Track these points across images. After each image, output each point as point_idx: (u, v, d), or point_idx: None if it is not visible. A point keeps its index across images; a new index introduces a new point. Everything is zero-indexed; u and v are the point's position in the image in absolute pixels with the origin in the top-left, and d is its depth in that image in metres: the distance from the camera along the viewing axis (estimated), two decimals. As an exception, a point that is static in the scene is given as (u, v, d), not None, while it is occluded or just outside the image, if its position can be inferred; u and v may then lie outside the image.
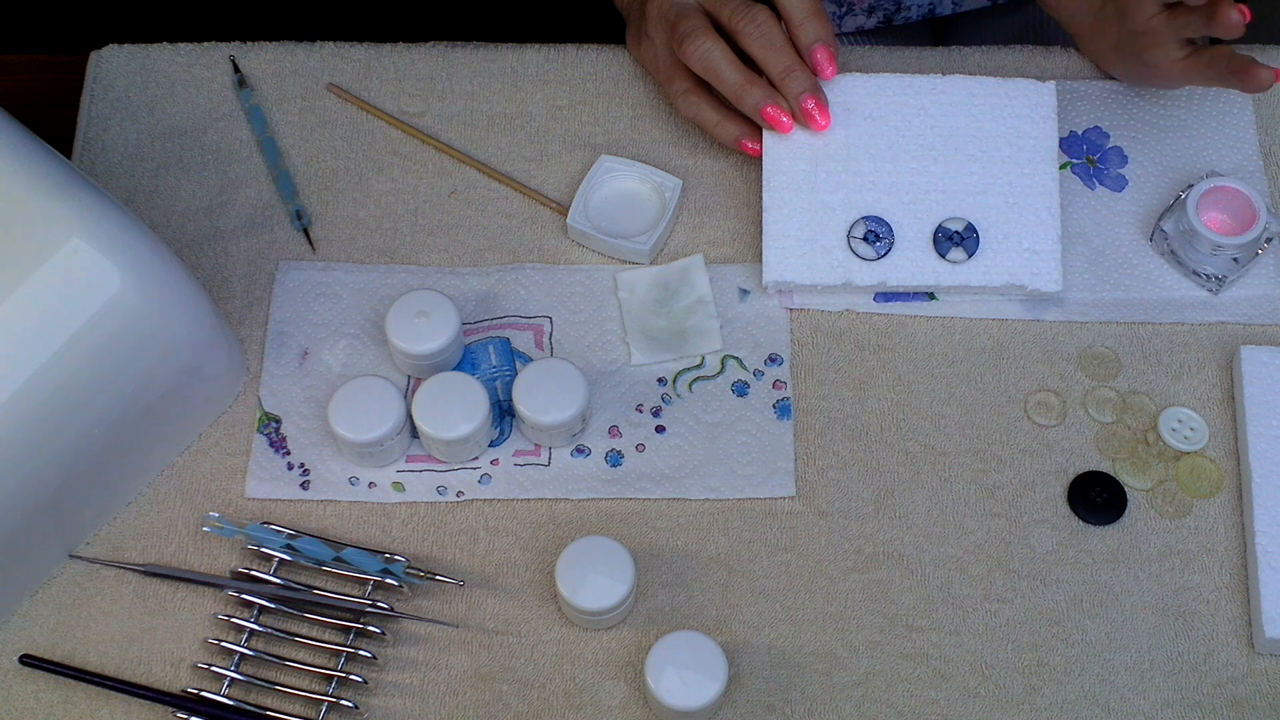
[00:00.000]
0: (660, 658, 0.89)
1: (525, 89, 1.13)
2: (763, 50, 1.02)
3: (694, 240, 1.07)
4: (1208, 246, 1.01)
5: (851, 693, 0.94)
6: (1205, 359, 1.03)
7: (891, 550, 0.97)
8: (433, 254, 1.07)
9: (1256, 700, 0.93)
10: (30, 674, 0.94)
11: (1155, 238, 1.04)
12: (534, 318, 1.05)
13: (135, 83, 1.13)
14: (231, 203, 1.09)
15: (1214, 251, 1.01)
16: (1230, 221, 1.03)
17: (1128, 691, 0.94)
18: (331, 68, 1.14)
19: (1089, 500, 0.98)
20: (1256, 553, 0.95)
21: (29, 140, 0.90)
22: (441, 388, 0.97)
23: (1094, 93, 1.11)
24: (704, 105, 1.05)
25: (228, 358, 1.00)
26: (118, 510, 0.98)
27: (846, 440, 1.01)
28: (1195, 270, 1.03)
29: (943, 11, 1.26)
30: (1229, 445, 1.00)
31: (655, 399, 1.02)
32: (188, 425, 1.00)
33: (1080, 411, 1.01)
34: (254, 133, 1.11)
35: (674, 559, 0.97)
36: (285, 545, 0.96)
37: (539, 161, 1.10)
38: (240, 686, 0.93)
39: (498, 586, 0.96)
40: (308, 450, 1.00)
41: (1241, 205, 1.02)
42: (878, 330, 1.04)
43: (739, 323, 1.04)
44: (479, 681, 0.94)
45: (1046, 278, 1.02)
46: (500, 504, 0.99)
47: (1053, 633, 0.95)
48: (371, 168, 1.10)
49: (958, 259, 1.02)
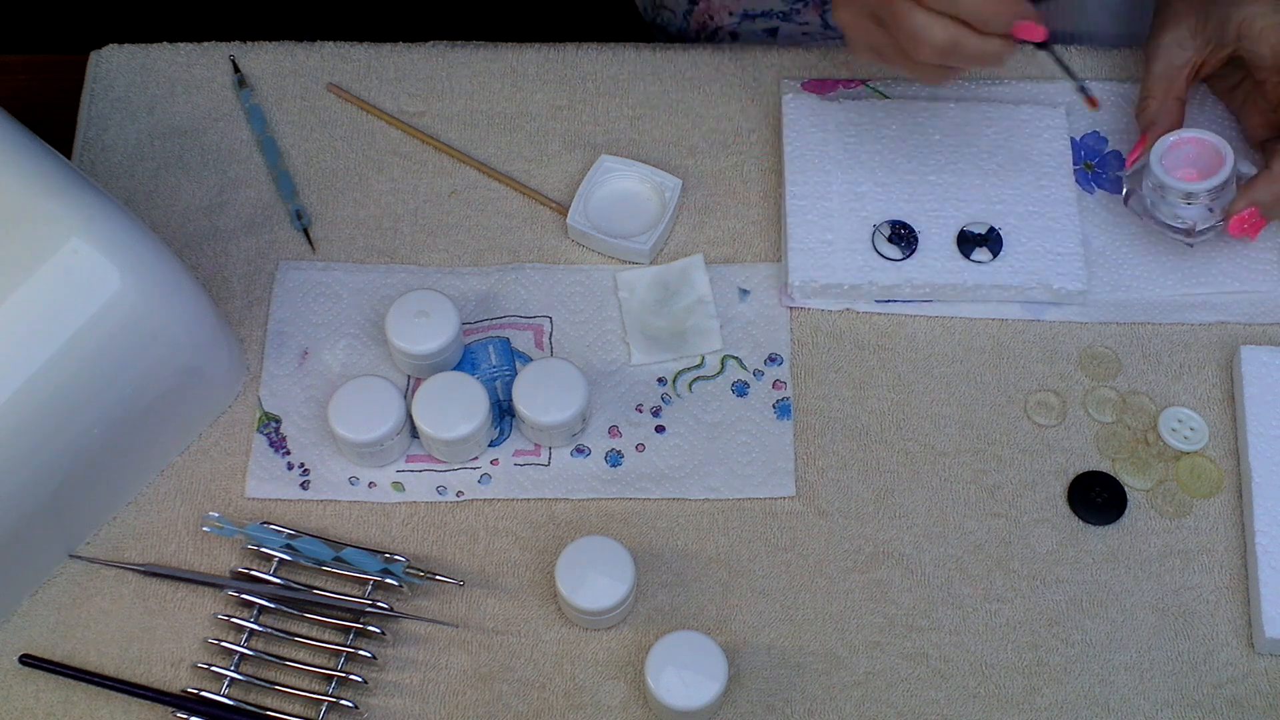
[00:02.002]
0: (660, 658, 0.89)
1: (525, 89, 1.13)
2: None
3: (694, 240, 1.07)
4: (1179, 196, 1.01)
5: (851, 693, 0.94)
6: (1205, 359, 1.03)
7: (891, 550, 0.97)
8: (433, 254, 1.07)
9: (1256, 700, 0.93)
10: (30, 674, 0.94)
11: (1131, 201, 1.04)
12: (534, 318, 1.05)
13: (135, 83, 1.13)
14: (231, 203, 1.09)
15: (1187, 200, 1.01)
16: (1199, 172, 1.02)
17: (1128, 691, 0.94)
18: (331, 68, 1.14)
19: (1089, 500, 0.98)
20: (1256, 553, 0.95)
21: (29, 140, 0.90)
22: (441, 388, 0.97)
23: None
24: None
25: (228, 358, 1.00)
26: (118, 510, 0.98)
27: (846, 440, 1.01)
28: (1170, 224, 1.02)
29: None
30: (1229, 445, 1.00)
31: (655, 399, 1.02)
32: (188, 425, 1.00)
33: (1080, 411, 1.01)
34: (254, 133, 1.11)
35: (674, 559, 0.97)
36: (285, 545, 0.96)
37: (539, 161, 1.10)
38: (240, 686, 0.93)
39: (498, 586, 0.96)
40: (308, 450, 1.00)
41: (1207, 153, 1.01)
42: (878, 330, 1.04)
43: (739, 323, 1.04)
44: (479, 681, 0.94)
45: (1071, 276, 1.02)
46: (500, 504, 0.99)
47: (1053, 633, 0.95)
48: (371, 168, 1.10)
49: (983, 259, 1.03)
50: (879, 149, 1.07)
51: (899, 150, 1.07)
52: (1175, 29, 1.03)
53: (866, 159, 1.07)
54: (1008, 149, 1.07)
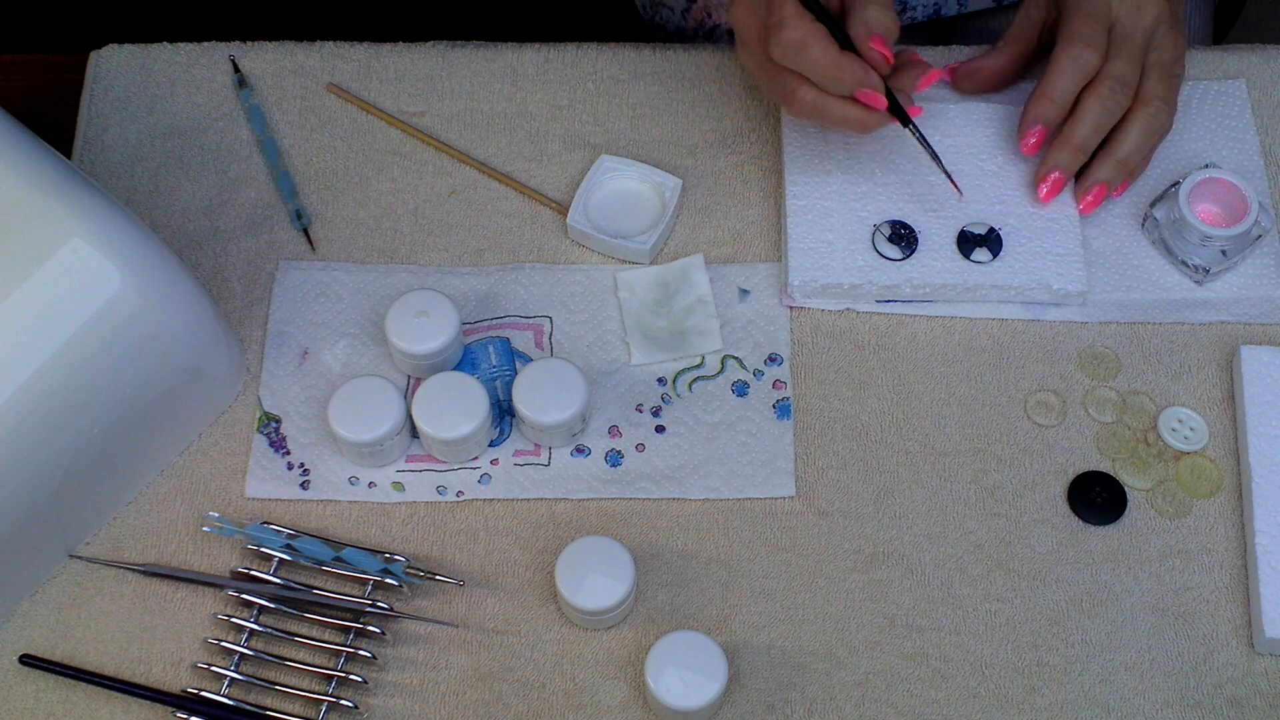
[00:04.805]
0: (660, 658, 0.89)
1: (525, 89, 1.13)
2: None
3: (694, 240, 1.07)
4: (1197, 237, 1.01)
5: (851, 693, 0.94)
6: (1205, 359, 1.03)
7: (891, 550, 0.97)
8: (433, 254, 1.07)
9: (1256, 700, 0.93)
10: (30, 674, 0.94)
11: (1147, 225, 1.05)
12: (534, 318, 1.05)
13: (135, 83, 1.13)
14: (231, 203, 1.09)
15: (1203, 242, 1.01)
16: (1222, 214, 1.03)
17: (1128, 691, 0.94)
18: (331, 68, 1.14)
19: (1089, 500, 0.98)
20: (1256, 553, 0.95)
21: (29, 140, 0.90)
22: (441, 388, 0.97)
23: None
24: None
25: (227, 358, 1.00)
26: (118, 510, 0.98)
27: (846, 440, 1.01)
28: (1183, 260, 1.03)
29: (948, 12, 1.26)
30: (1229, 445, 1.00)
31: (655, 399, 1.02)
32: (188, 425, 1.00)
33: (1080, 411, 1.01)
34: (254, 133, 1.11)
35: (674, 559, 0.97)
36: (285, 545, 0.96)
37: (539, 161, 1.10)
38: (240, 686, 0.93)
39: (498, 586, 0.96)
40: (308, 450, 1.00)
41: (1234, 198, 1.02)
42: (878, 330, 1.04)
43: (739, 323, 1.04)
44: (479, 681, 0.94)
45: (1071, 277, 1.02)
46: (500, 504, 0.99)
47: (1053, 633, 0.95)
48: (371, 168, 1.10)
49: (983, 259, 1.03)
50: (879, 149, 1.07)
51: (899, 150, 1.07)
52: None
53: (866, 159, 1.07)
54: (1007, 149, 1.07)
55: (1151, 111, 1.01)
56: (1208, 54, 1.13)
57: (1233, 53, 1.13)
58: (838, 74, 0.95)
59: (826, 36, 0.95)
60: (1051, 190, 1.03)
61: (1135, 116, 1.02)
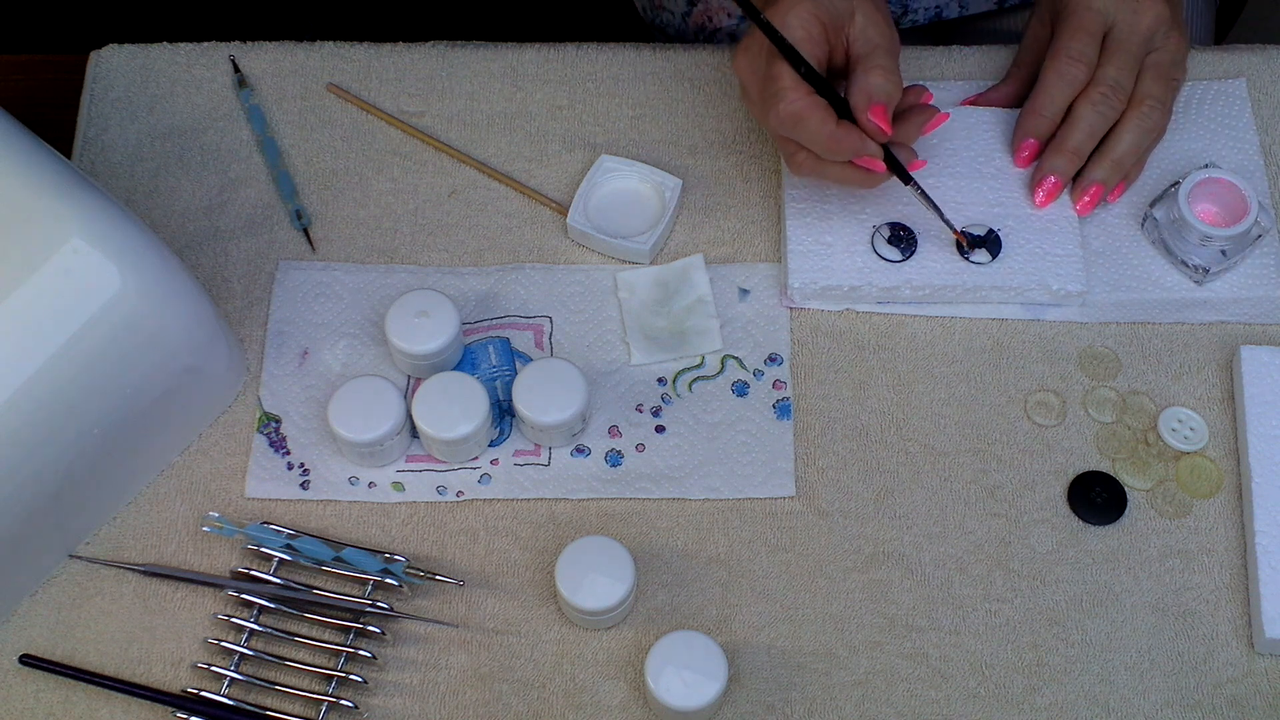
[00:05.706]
0: (660, 658, 0.89)
1: (525, 89, 1.13)
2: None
3: (694, 240, 1.07)
4: (1196, 237, 1.01)
5: (851, 693, 0.94)
6: (1205, 359, 1.03)
7: (891, 550, 0.97)
8: (433, 254, 1.07)
9: (1256, 700, 0.93)
10: (30, 674, 0.94)
11: (1146, 225, 1.05)
12: (534, 318, 1.05)
13: (135, 83, 1.13)
14: (231, 203, 1.09)
15: (1202, 242, 1.02)
16: (1221, 214, 1.03)
17: (1128, 691, 0.94)
18: (331, 68, 1.14)
19: (1089, 500, 0.98)
20: (1256, 553, 0.95)
21: (29, 140, 0.90)
22: (441, 388, 0.97)
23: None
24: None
25: (227, 358, 1.00)
26: (118, 510, 0.98)
27: (846, 440, 1.01)
28: (1183, 260, 1.03)
29: (950, 14, 1.26)
30: (1229, 445, 1.00)
31: (655, 399, 1.02)
32: (188, 425, 1.00)
33: (1080, 411, 1.01)
34: (254, 133, 1.11)
35: (674, 559, 0.97)
36: (285, 545, 0.96)
37: (539, 161, 1.10)
38: (240, 686, 0.93)
39: (498, 586, 0.96)
40: (308, 450, 1.00)
41: (1234, 198, 1.02)
42: (878, 330, 1.04)
43: (739, 322, 1.04)
44: (479, 681, 0.94)
45: (1070, 278, 1.02)
46: (500, 504, 0.99)
47: (1053, 633, 0.95)
48: (371, 168, 1.10)
49: (982, 260, 1.03)
50: None
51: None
52: (1039, 9, 1.08)
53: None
54: (1006, 151, 1.07)
55: (1144, 111, 1.02)
56: (1208, 54, 1.13)
57: (1233, 53, 1.14)
58: (834, 146, 0.96)
59: (823, 108, 0.95)
60: (1048, 195, 1.04)
61: (1129, 118, 1.03)
